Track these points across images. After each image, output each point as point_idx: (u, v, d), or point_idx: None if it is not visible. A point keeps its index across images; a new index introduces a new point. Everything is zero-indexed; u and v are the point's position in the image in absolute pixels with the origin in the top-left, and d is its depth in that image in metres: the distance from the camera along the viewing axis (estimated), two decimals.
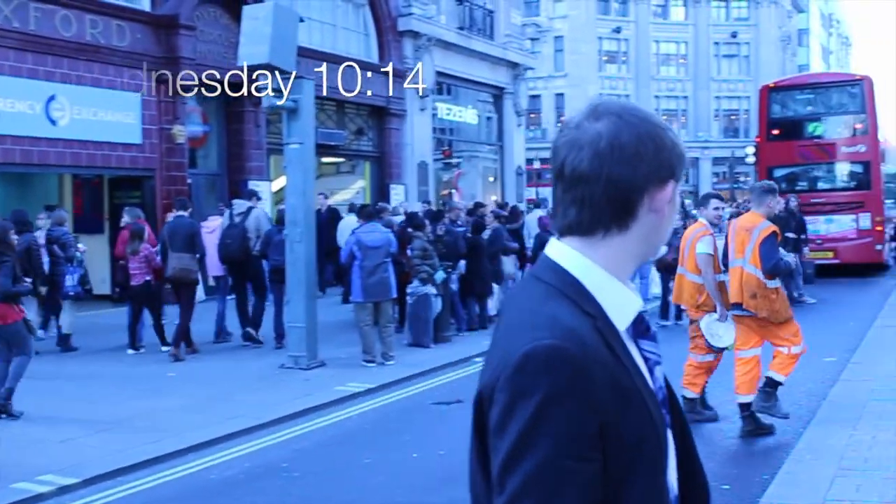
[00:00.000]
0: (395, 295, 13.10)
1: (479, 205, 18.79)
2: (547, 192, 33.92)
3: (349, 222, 16.96)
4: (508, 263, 17.34)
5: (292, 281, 12.47)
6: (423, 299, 13.67)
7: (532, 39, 50.51)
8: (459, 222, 16.17)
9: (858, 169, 23.70)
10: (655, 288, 17.22)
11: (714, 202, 9.49)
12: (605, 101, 1.69)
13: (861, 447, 7.31)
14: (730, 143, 57.01)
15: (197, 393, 10.80)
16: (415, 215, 15.40)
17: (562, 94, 56.97)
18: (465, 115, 29.61)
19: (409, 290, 13.80)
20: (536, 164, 34.31)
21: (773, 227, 8.65)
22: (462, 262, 14.97)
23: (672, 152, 1.66)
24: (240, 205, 14.55)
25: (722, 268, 9.21)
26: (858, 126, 23.60)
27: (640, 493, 1.55)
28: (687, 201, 34.12)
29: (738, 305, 8.62)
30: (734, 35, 61.55)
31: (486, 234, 15.82)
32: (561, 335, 1.53)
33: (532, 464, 1.48)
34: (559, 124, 56.59)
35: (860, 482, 6.39)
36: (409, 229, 14.44)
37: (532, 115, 53.16)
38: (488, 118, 31.24)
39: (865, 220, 22.88)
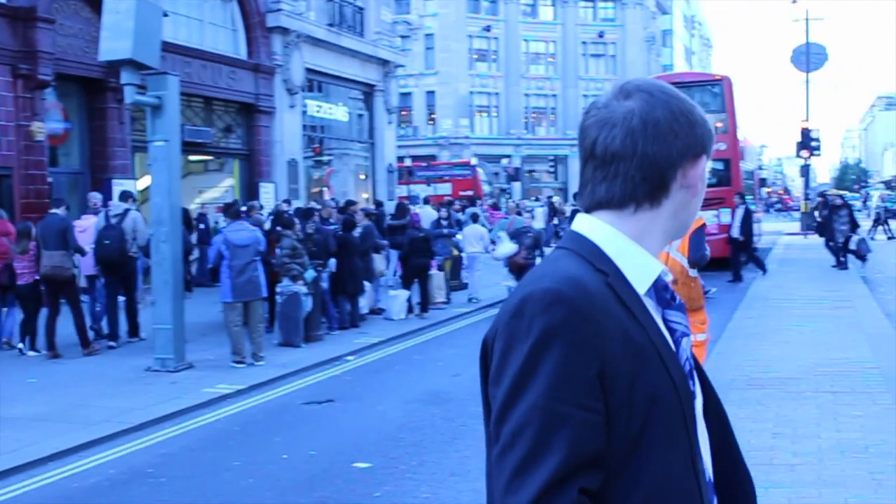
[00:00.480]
0: (265, 294, 12.92)
1: (350, 203, 18.71)
2: (420, 190, 34.08)
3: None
4: (379, 261, 17.32)
5: (158, 282, 12.18)
6: (293, 298, 13.52)
7: (403, 37, 50.49)
8: (332, 220, 16.08)
9: (719, 166, 24.43)
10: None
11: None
12: (633, 80, 1.69)
13: None
14: None
15: (58, 398, 10.42)
16: (283, 213, 15.24)
17: (433, 92, 57.20)
18: (336, 112, 29.44)
19: (278, 290, 13.63)
20: (408, 162, 34.30)
21: (703, 220, 8.57)
22: (332, 261, 14.86)
23: (704, 128, 1.66)
24: (116, 206, 14.14)
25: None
26: (719, 125, 24.32)
27: (657, 463, 1.50)
28: (556, 198, 34.72)
29: None
30: (601, 35, 62.85)
31: (357, 232, 15.75)
32: (561, 280, 1.51)
33: (523, 409, 1.44)
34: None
35: None
36: (279, 227, 14.28)
37: (403, 113, 53.25)
38: (359, 115, 31.13)
39: (726, 216, 23.63)
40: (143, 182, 19.83)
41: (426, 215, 20.70)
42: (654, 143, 1.60)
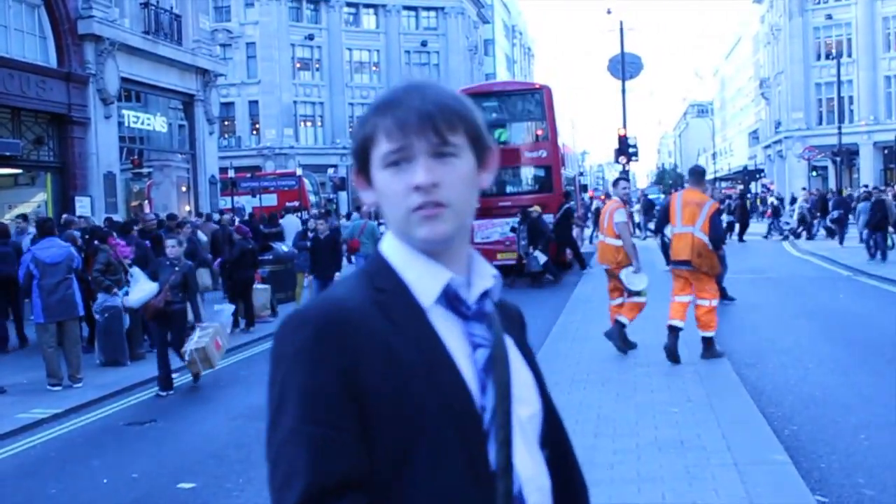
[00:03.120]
0: (81, 313, 12.42)
1: (171, 216, 18.22)
2: (245, 201, 33.53)
3: None
4: (205, 276, 16.93)
5: None
6: (114, 313, 13.04)
7: (223, 45, 49.71)
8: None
9: (541, 173, 25.07)
10: None
11: (622, 183, 12.41)
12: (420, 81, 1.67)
13: None
14: None
15: None
16: (99, 228, 14.69)
17: (256, 101, 56.41)
18: (155, 122, 28.63)
19: (94, 307, 13.12)
20: (231, 173, 33.65)
21: (718, 204, 11.10)
22: (136, 269, 14.42)
23: (360, 132, 1.61)
24: None
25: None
26: (539, 132, 24.97)
27: (425, 482, 1.47)
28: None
29: (683, 262, 10.77)
30: (424, 44, 63.53)
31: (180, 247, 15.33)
32: (316, 304, 1.54)
33: (279, 434, 1.46)
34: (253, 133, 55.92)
35: None
36: (95, 242, 13.75)
37: (226, 123, 52.34)
38: (180, 126, 30.36)
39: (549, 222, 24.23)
40: None
41: (289, 226, 20.55)
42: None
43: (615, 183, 12.62)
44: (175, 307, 11.43)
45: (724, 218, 25.44)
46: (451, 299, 1.60)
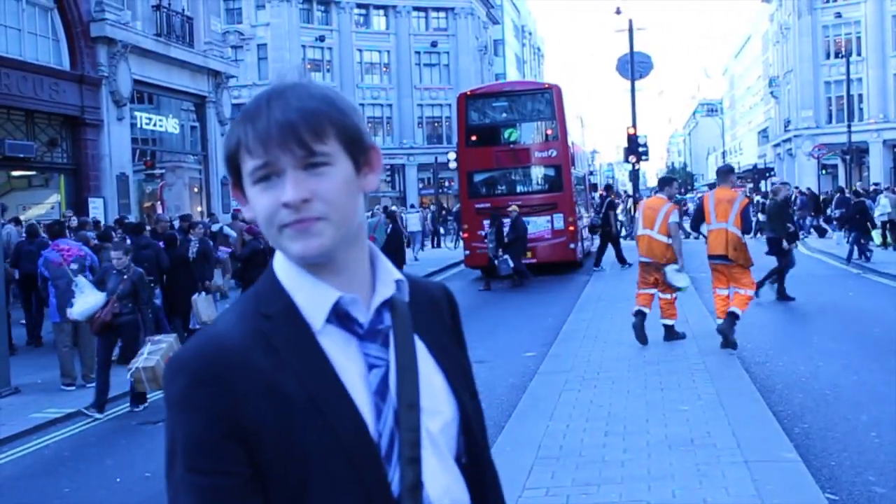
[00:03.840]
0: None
1: (184, 217, 18.31)
2: None
3: None
4: (217, 275, 17.03)
5: None
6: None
7: (234, 47, 49.86)
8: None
9: (551, 172, 25.06)
10: None
11: (675, 184, 13.54)
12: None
13: (556, 436, 7.73)
14: (434, 150, 58.78)
15: None
16: (107, 229, 14.79)
17: None
18: (167, 124, 28.73)
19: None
20: None
21: (748, 199, 12.38)
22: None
23: (225, 145, 1.52)
24: None
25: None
26: (549, 132, 24.97)
27: None
28: (393, 207, 34.86)
29: (719, 256, 11.55)
30: (434, 44, 63.53)
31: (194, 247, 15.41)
32: (193, 345, 1.47)
33: (170, 485, 1.44)
34: None
35: (555, 469, 6.75)
36: (99, 242, 13.85)
37: None
38: (192, 127, 30.46)
39: (559, 221, 24.26)
40: None
41: None
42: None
43: (667, 182, 13.28)
44: (123, 319, 10.78)
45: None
46: (342, 318, 1.51)
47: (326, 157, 1.46)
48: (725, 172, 12.51)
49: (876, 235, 26.28)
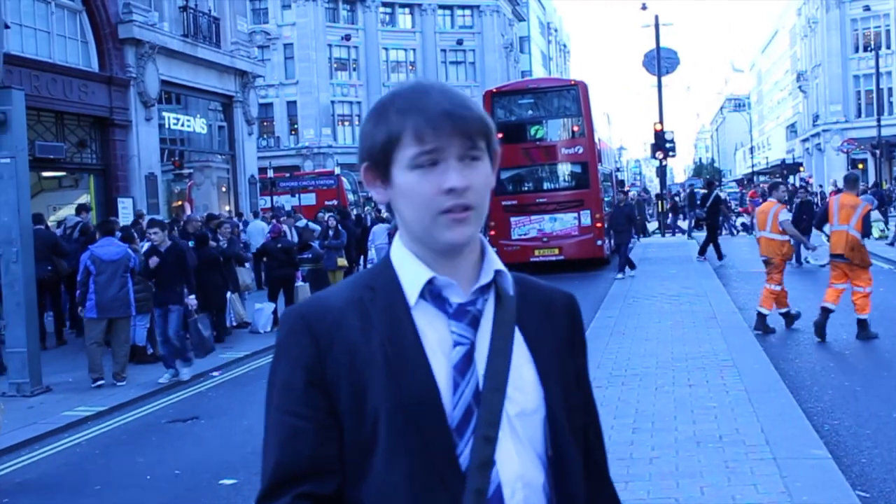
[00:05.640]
0: (133, 312, 12.61)
1: (211, 216, 18.42)
2: (284, 200, 33.73)
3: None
4: (245, 274, 17.12)
5: (10, 304, 11.77)
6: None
7: (261, 47, 49.95)
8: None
9: (578, 169, 25.01)
10: None
11: (782, 188, 14.72)
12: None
13: None
14: None
15: None
16: (128, 228, 14.89)
17: (294, 102, 56.67)
18: (195, 124, 28.90)
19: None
20: (270, 173, 33.92)
21: (870, 206, 14.02)
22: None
23: (381, 131, 1.61)
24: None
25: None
26: (576, 129, 24.91)
27: (385, 474, 1.53)
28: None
29: (838, 255, 12.44)
30: (460, 42, 63.50)
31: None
32: (304, 302, 1.68)
33: (266, 419, 1.61)
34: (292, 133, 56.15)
35: None
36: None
37: (264, 124, 52.69)
38: (219, 127, 30.62)
39: (586, 218, 24.19)
40: None
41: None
42: (360, 143, 1.71)
43: (774, 187, 14.78)
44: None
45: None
46: (434, 297, 1.62)
47: (479, 152, 1.60)
48: (853, 181, 13.50)
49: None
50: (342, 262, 18.76)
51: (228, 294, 15.99)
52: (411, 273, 1.62)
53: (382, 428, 1.53)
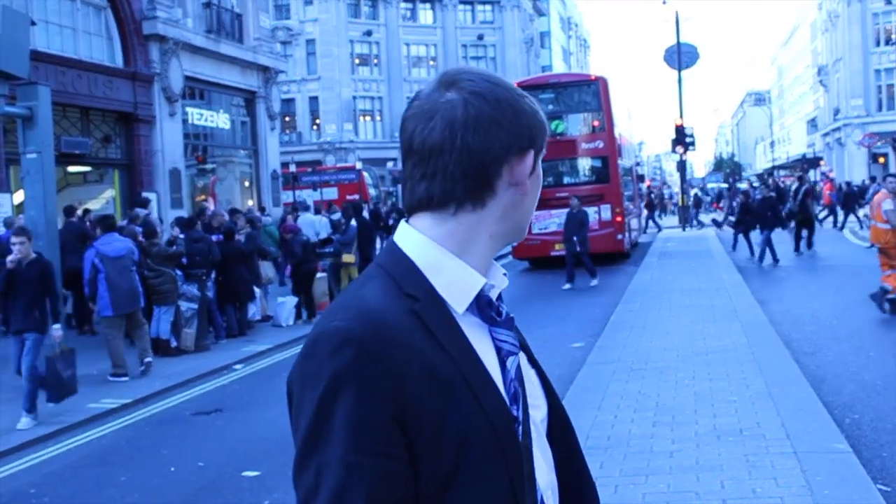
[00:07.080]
0: (143, 304, 12.73)
1: (234, 211, 18.53)
2: (306, 195, 33.87)
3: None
4: (267, 268, 17.23)
5: None
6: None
7: (283, 43, 50.15)
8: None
9: (598, 164, 25.02)
10: None
11: (890, 179, 14.48)
12: (457, 68, 1.56)
13: (604, 426, 7.75)
14: None
15: None
16: (148, 223, 14.99)
17: (316, 97, 56.85)
18: (218, 119, 29.05)
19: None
20: (292, 168, 34.11)
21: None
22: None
23: (532, 119, 1.52)
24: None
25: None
26: (596, 123, 24.91)
27: (473, 496, 1.38)
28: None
29: None
30: (480, 37, 63.50)
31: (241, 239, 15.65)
32: (354, 316, 1.38)
33: (318, 462, 1.33)
34: (314, 126, 56.22)
35: (603, 459, 6.77)
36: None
37: (287, 119, 52.88)
38: (242, 122, 30.77)
39: (606, 212, 24.20)
40: (20, 195, 19.23)
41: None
42: (475, 135, 1.45)
43: (885, 178, 15.58)
44: None
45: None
46: (481, 305, 1.49)
47: None
48: None
49: None
50: (348, 257, 18.87)
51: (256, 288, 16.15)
52: (454, 277, 1.46)
53: (468, 458, 1.37)
